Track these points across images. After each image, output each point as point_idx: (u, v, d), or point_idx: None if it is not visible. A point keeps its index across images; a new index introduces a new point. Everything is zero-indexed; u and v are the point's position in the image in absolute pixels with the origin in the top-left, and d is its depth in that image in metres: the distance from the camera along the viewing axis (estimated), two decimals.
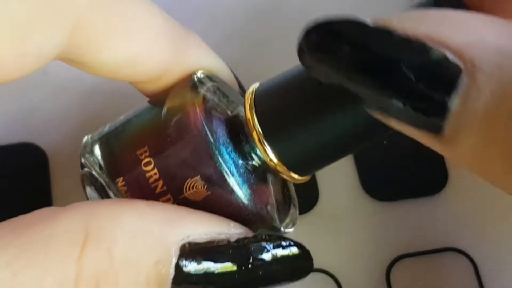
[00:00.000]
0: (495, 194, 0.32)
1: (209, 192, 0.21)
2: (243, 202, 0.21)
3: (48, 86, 0.32)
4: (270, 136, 0.21)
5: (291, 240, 0.21)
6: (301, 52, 0.19)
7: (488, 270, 0.30)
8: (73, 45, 0.20)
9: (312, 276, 0.30)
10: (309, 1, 0.35)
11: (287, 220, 0.23)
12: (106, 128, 0.24)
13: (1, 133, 0.31)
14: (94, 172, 0.23)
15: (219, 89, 0.23)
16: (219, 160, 0.21)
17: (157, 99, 0.23)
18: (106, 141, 0.23)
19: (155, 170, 0.21)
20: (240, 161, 0.22)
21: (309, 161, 0.22)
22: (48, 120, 0.32)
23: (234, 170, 0.21)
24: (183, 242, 0.19)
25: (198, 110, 0.21)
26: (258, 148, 0.21)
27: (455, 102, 0.16)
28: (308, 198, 0.31)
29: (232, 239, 0.20)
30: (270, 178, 0.23)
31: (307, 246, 0.29)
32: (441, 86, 0.17)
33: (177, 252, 0.19)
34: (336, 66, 0.18)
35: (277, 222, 0.23)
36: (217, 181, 0.21)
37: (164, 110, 0.22)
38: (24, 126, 0.32)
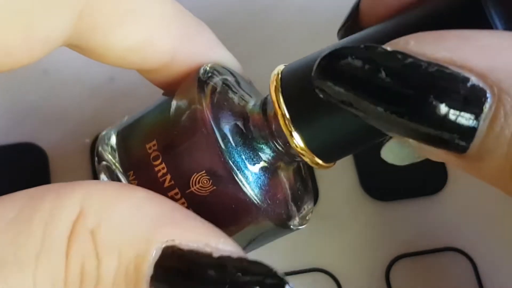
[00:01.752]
0: (495, 194, 0.32)
1: (215, 187, 0.21)
2: (250, 199, 0.21)
3: (48, 86, 0.32)
4: (296, 118, 0.21)
5: (276, 274, 0.19)
6: (316, 78, 0.19)
7: (487, 270, 0.30)
8: (80, 30, 0.20)
9: (312, 276, 0.30)
10: (309, 1, 0.35)
11: (298, 217, 0.23)
12: (124, 120, 0.24)
13: (1, 133, 0.31)
14: (111, 163, 0.23)
15: (229, 81, 0.23)
16: (225, 157, 0.21)
17: (170, 91, 0.23)
18: (121, 134, 0.23)
19: (163, 165, 0.21)
20: (248, 157, 0.22)
21: (335, 146, 0.21)
22: (48, 120, 0.32)
23: (241, 166, 0.21)
24: (167, 243, 0.19)
25: (205, 106, 0.21)
26: (283, 130, 0.21)
27: (481, 125, 0.17)
28: None
29: (216, 255, 0.19)
30: (281, 173, 0.23)
31: (307, 246, 0.30)
32: (467, 109, 0.17)
33: (159, 252, 0.19)
34: (353, 93, 0.18)
35: (287, 219, 0.22)
36: (223, 177, 0.21)
37: (173, 105, 0.22)
38: (24, 126, 0.32)
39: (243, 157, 0.21)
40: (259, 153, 0.22)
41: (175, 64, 0.23)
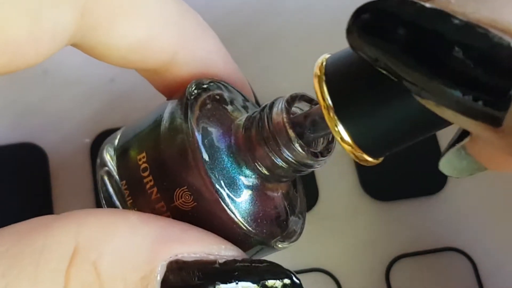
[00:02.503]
0: (495, 194, 0.32)
1: (196, 203, 0.21)
2: (231, 217, 0.21)
3: (48, 86, 0.32)
4: (341, 111, 0.19)
5: (283, 270, 0.19)
6: (349, 33, 0.17)
7: (487, 270, 0.30)
8: (84, 27, 0.20)
9: (312, 276, 0.30)
10: (309, 1, 0.35)
11: (282, 236, 0.23)
12: (125, 128, 0.24)
13: (1, 133, 0.31)
14: (111, 169, 0.23)
15: (220, 97, 0.23)
16: (206, 174, 0.21)
17: (171, 96, 0.23)
18: (120, 142, 0.23)
19: (151, 177, 0.21)
20: (231, 176, 0.21)
21: (385, 140, 0.20)
22: (48, 120, 0.32)
23: (222, 184, 0.21)
24: (170, 259, 0.19)
25: (191, 126, 0.21)
26: (327, 122, 0.20)
27: None
28: (308, 198, 0.31)
29: (221, 261, 0.19)
30: (268, 192, 0.22)
31: (307, 246, 0.30)
32: (503, 76, 0.15)
33: (164, 269, 0.19)
34: (388, 48, 0.17)
35: (270, 238, 0.22)
36: (202, 193, 0.21)
37: (163, 120, 0.22)
38: (24, 126, 0.32)
39: (225, 175, 0.21)
40: (242, 175, 0.22)
41: (174, 67, 0.23)
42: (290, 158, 0.21)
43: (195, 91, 0.22)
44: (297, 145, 0.21)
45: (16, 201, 0.30)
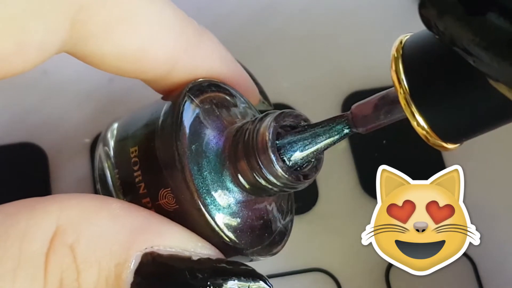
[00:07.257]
0: (494, 194, 0.32)
1: (178, 206, 0.21)
2: (211, 226, 0.21)
3: (47, 86, 0.32)
4: (419, 95, 0.18)
5: (256, 273, 0.19)
6: (422, 6, 0.16)
7: (488, 270, 0.30)
8: (75, 37, 0.20)
9: (311, 276, 0.30)
10: (309, 2, 0.35)
11: (263, 247, 0.22)
12: (128, 114, 0.24)
13: (1, 133, 0.31)
14: (110, 151, 0.23)
15: (216, 100, 0.23)
16: (191, 180, 0.21)
17: (168, 96, 0.23)
18: (118, 129, 0.23)
19: (140, 172, 0.21)
20: (219, 184, 0.21)
21: (463, 127, 0.19)
22: (48, 120, 0.32)
23: (207, 192, 0.21)
24: (146, 251, 0.19)
25: (183, 128, 0.21)
26: (402, 106, 0.19)
27: None
28: (307, 198, 0.31)
29: (195, 258, 0.19)
30: (253, 203, 0.22)
31: (307, 246, 0.30)
32: None
33: (138, 259, 0.19)
34: (458, 13, 0.15)
35: (250, 249, 0.22)
36: (186, 199, 0.21)
37: (158, 118, 0.22)
38: (24, 126, 0.32)
39: (210, 183, 0.21)
40: (227, 184, 0.21)
41: (175, 74, 0.23)
42: (271, 178, 0.21)
43: (191, 94, 0.22)
44: (278, 167, 0.21)
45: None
